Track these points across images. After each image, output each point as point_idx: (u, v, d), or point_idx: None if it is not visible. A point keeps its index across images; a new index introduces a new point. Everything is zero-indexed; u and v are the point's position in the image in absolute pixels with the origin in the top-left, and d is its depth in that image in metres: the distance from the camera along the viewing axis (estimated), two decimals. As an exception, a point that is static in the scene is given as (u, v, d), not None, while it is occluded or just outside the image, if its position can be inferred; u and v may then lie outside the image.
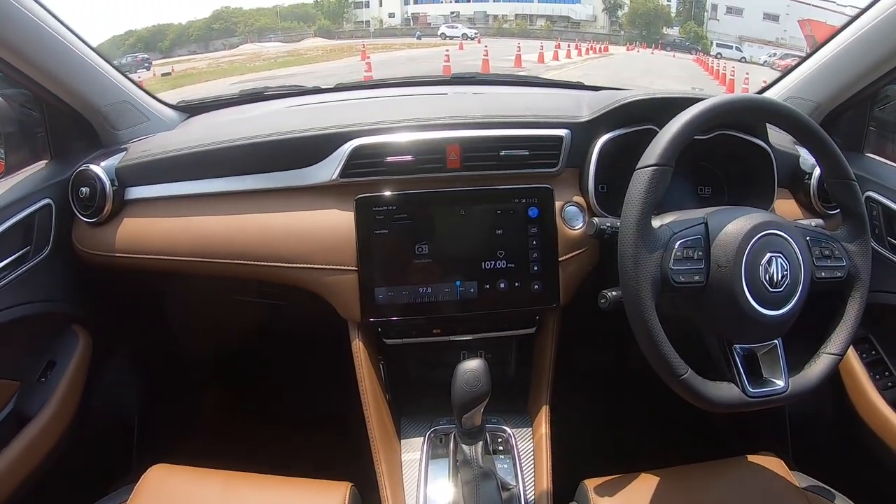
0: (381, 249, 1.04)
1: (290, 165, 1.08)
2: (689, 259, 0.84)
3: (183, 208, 1.10)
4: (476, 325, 1.13)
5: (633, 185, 0.83)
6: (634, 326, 0.82)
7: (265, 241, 1.06)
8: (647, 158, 0.84)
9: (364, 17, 38.57)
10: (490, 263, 1.05)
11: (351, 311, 1.06)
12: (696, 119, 0.85)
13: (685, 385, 0.81)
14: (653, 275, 0.82)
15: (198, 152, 1.10)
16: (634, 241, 0.81)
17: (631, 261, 0.81)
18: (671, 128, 0.85)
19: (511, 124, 1.09)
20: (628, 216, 0.82)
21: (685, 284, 0.83)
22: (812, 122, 0.91)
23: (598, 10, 37.34)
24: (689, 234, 0.85)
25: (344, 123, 1.07)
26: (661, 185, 0.82)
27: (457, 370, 0.90)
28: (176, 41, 28.28)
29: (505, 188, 1.07)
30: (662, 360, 0.80)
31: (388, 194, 1.05)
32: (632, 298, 0.81)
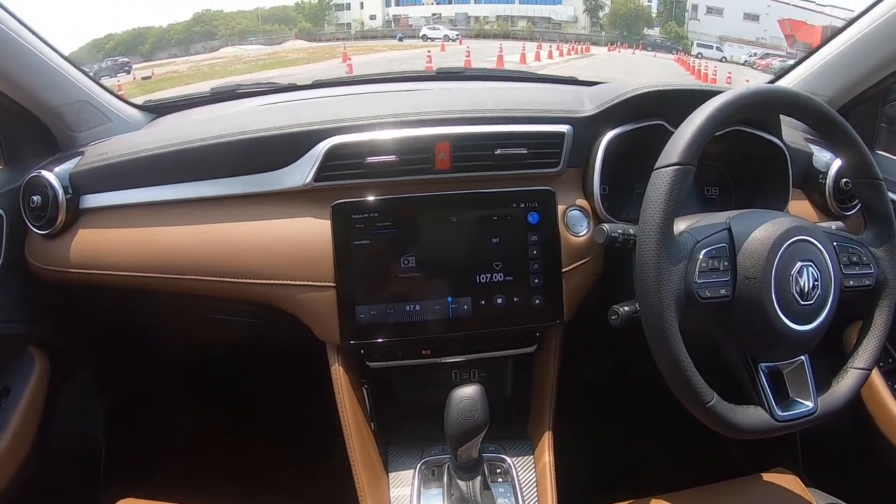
0: (362, 262, 0.92)
1: (257, 168, 0.96)
2: (714, 271, 0.77)
3: (142, 218, 0.98)
4: (470, 346, 1.02)
5: (653, 187, 0.75)
6: (656, 348, 0.74)
7: (230, 254, 0.95)
8: (666, 157, 0.75)
9: (345, 20, 38.62)
10: (486, 276, 0.94)
11: (329, 332, 0.94)
12: (719, 112, 0.77)
13: (712, 413, 0.74)
14: (676, 289, 0.74)
15: (157, 155, 0.98)
16: (656, 252, 0.73)
17: (653, 274, 0.73)
18: (693, 122, 0.76)
19: (507, 119, 0.98)
20: (648, 222, 0.73)
21: (711, 300, 0.76)
22: (839, 117, 0.85)
23: (579, 11, 37.67)
24: (714, 242, 0.78)
25: (318, 120, 0.95)
26: (683, 186, 0.74)
27: (450, 398, 0.81)
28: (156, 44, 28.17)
29: (501, 191, 0.96)
30: (687, 386, 0.73)
31: (368, 199, 0.93)
32: (653, 317, 0.73)
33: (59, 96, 1.12)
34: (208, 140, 0.97)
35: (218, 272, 0.95)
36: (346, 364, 0.99)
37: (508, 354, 1.05)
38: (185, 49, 28.37)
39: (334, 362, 0.98)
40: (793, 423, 0.79)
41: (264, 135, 0.95)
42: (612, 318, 0.82)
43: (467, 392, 0.81)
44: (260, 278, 0.94)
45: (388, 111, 0.97)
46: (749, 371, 0.81)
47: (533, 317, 0.97)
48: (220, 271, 0.95)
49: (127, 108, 1.31)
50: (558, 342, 1.04)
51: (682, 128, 0.77)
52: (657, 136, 0.96)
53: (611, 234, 0.84)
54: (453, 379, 1.12)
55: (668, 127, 0.98)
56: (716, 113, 0.77)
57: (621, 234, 0.84)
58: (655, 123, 1.00)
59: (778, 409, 0.78)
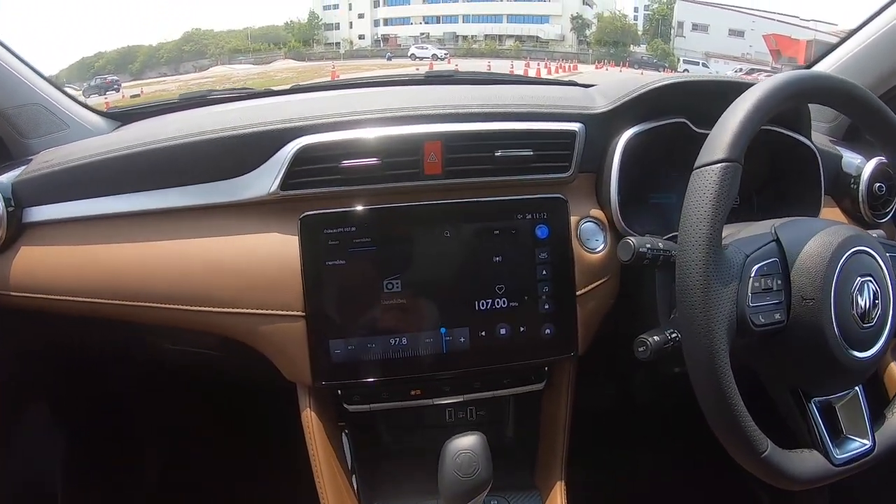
0: (337, 287, 0.77)
1: (215, 175, 0.81)
2: (767, 291, 0.67)
3: (89, 234, 0.84)
4: (467, 384, 0.87)
5: (696, 190, 0.63)
6: (703, 388, 0.63)
7: (181, 276, 0.80)
8: (710, 152, 0.64)
9: (334, 39, 38.96)
10: (486, 302, 0.80)
11: (298, 371, 0.79)
12: (768, 100, 0.67)
13: (767, 464, 0.64)
14: (728, 316, 0.63)
15: (103, 161, 0.84)
16: (703, 270, 0.61)
17: (699, 297, 0.61)
18: (737, 111, 0.65)
19: (508, 116, 0.83)
20: (693, 234, 0.61)
21: (765, 327, 0.66)
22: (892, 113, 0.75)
23: (567, 30, 38.23)
24: (764, 257, 0.68)
25: (285, 118, 0.81)
26: (733, 188, 0.63)
27: (445, 450, 0.71)
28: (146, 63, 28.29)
29: (505, 200, 0.82)
30: (740, 433, 0.63)
31: (345, 211, 0.78)
32: (700, 350, 0.62)
33: (8, 98, 0.99)
34: (159, 143, 0.82)
35: (169, 298, 0.80)
36: (320, 408, 0.84)
37: (511, 393, 0.89)
38: (175, 68, 28.51)
39: (305, 406, 0.83)
40: (852, 465, 0.70)
41: (222, 136, 0.81)
42: (640, 349, 0.70)
43: (466, 443, 0.70)
44: (216, 306, 0.79)
45: (367, 107, 0.83)
46: (801, 408, 0.71)
47: (542, 349, 0.82)
48: (170, 297, 0.80)
49: (88, 114, 1.17)
50: (571, 378, 0.89)
51: (726, 118, 0.66)
52: (678, 136, 0.87)
53: (639, 250, 0.70)
54: (447, 419, 0.98)
55: (691, 126, 0.87)
56: (764, 99, 0.66)
57: (650, 250, 0.70)
58: (677, 121, 0.87)
59: (835, 451, 0.69)
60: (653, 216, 0.89)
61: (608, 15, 33.72)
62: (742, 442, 0.63)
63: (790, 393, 0.72)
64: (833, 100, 0.77)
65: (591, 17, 36.48)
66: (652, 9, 29.57)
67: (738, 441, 0.63)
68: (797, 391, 0.72)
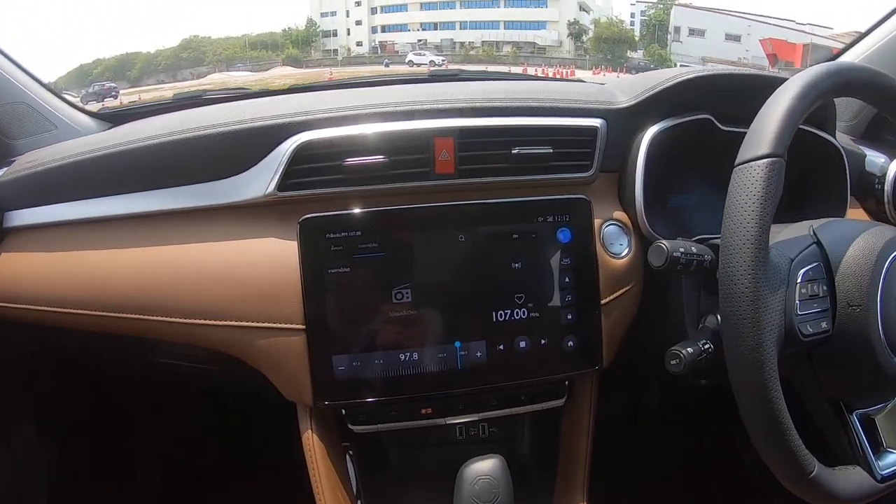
0: (341, 297, 0.71)
1: (207, 175, 0.75)
2: (814, 298, 0.62)
3: (74, 239, 0.77)
4: (483, 402, 0.80)
5: (740, 188, 0.57)
6: (750, 405, 0.57)
7: (169, 285, 0.73)
8: (753, 147, 0.58)
9: (332, 46, 39.12)
10: (504, 313, 0.73)
11: (297, 390, 0.72)
12: (811, 90, 0.60)
13: (815, 484, 0.59)
14: (777, 326, 0.58)
15: (88, 160, 0.77)
16: (753, 276, 0.55)
17: (749, 306, 0.55)
18: (779, 103, 0.59)
19: (526, 111, 0.77)
20: (739, 235, 0.56)
21: (813, 337, 0.61)
22: None
23: (563, 36, 38.39)
24: (809, 261, 0.63)
25: (284, 112, 0.74)
26: (779, 186, 0.58)
27: (462, 476, 0.68)
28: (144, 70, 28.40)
29: (524, 201, 0.75)
30: (789, 454, 0.57)
31: (349, 213, 0.72)
32: (748, 364, 0.56)
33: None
34: (145, 141, 0.76)
35: (156, 308, 0.73)
36: (323, 429, 0.77)
37: (531, 411, 0.83)
38: (173, 75, 28.63)
39: (306, 428, 0.76)
40: (895, 480, 0.66)
41: (213, 132, 0.74)
42: (673, 362, 0.64)
43: (485, 468, 0.68)
44: (207, 318, 0.72)
45: (372, 101, 0.76)
46: (842, 421, 0.67)
47: (565, 363, 0.75)
48: (158, 307, 0.73)
49: (77, 114, 1.12)
50: (594, 394, 0.83)
51: (768, 110, 0.60)
52: (701, 134, 0.82)
53: (672, 255, 0.64)
54: (457, 436, 0.90)
55: (717, 123, 0.81)
56: (807, 90, 0.60)
57: (683, 254, 0.65)
58: (702, 118, 0.81)
59: (878, 466, 0.65)
60: (670, 219, 0.82)
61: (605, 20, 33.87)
62: (790, 462, 0.58)
63: (830, 405, 0.68)
64: (876, 94, 0.70)
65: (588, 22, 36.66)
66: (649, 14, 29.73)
67: (785, 462, 0.59)
68: (838, 403, 0.68)
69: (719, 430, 1.22)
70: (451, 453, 0.80)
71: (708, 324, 0.70)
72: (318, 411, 0.76)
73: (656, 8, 29.86)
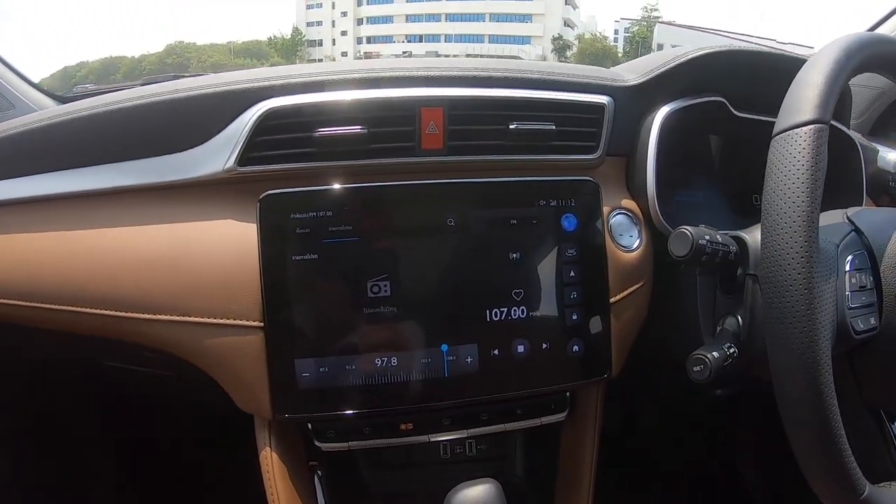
0: (307, 289, 0.60)
1: (157, 149, 0.64)
2: (863, 290, 0.56)
3: (5, 221, 0.66)
4: (473, 417, 0.70)
5: (786, 159, 0.49)
6: (799, 416, 0.49)
7: (110, 273, 0.62)
8: (795, 113, 0.50)
9: (317, 56, 39.33)
10: (500, 312, 0.63)
11: (254, 400, 0.61)
12: (853, 55, 0.53)
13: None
14: (831, 321, 0.51)
15: (21, 133, 0.66)
16: (807, 259, 0.47)
17: (803, 296, 0.47)
18: (820, 66, 0.52)
19: (526, 82, 0.68)
20: (788, 213, 0.48)
21: (864, 334, 0.55)
22: None
23: (548, 51, 38.98)
24: (854, 247, 0.58)
25: (248, 78, 0.64)
26: (825, 157, 0.50)
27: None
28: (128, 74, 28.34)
29: (524, 181, 0.66)
30: (843, 473, 0.50)
31: (318, 189, 0.62)
32: (800, 368, 0.48)
33: None
34: (85, 111, 0.65)
35: (95, 300, 0.63)
36: (284, 447, 0.66)
37: (527, 427, 0.73)
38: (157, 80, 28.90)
39: (265, 444, 0.65)
40: None
41: (164, 98, 0.63)
42: (697, 369, 0.57)
43: (477, 496, 0.58)
44: (151, 312, 0.61)
45: (352, 66, 0.66)
46: (884, 432, 0.64)
47: (569, 372, 0.66)
48: (97, 299, 0.63)
49: (37, 94, 1.03)
50: (599, 406, 0.74)
51: (807, 73, 0.52)
52: (714, 120, 0.77)
53: (698, 242, 0.56)
54: (441, 454, 0.80)
55: (728, 106, 0.75)
56: (850, 52, 0.53)
57: (709, 243, 0.57)
58: (715, 101, 0.74)
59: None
60: (677, 214, 0.74)
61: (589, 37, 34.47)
62: (843, 482, 0.51)
63: (868, 410, 0.63)
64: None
65: (573, 38, 37.25)
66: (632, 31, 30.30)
67: (838, 481, 0.51)
68: (878, 411, 0.64)
69: (721, 445, 1.15)
70: (434, 474, 0.74)
71: (727, 326, 0.63)
72: (278, 425, 0.66)
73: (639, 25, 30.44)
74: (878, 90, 1.02)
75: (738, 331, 0.61)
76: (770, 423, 0.60)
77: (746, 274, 0.60)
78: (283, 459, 0.65)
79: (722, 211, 0.85)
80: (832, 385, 0.49)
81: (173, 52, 32.40)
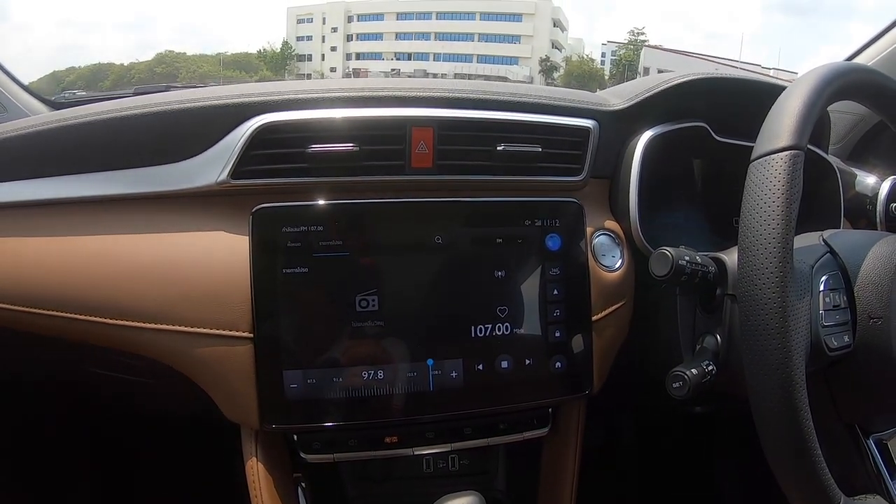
0: (297, 302, 0.61)
1: (150, 159, 0.65)
2: (837, 308, 0.58)
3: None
4: (456, 431, 0.71)
5: (762, 183, 0.51)
6: (774, 430, 0.51)
7: (100, 280, 0.63)
8: (772, 140, 0.52)
9: (306, 70, 39.30)
10: (484, 328, 0.64)
11: (241, 410, 0.62)
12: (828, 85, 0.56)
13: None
14: (805, 339, 0.52)
15: (14, 139, 0.67)
16: (781, 278, 0.49)
17: (777, 315, 0.49)
18: (797, 94, 0.54)
19: (513, 105, 0.70)
20: (764, 235, 0.50)
21: (837, 351, 0.56)
22: None
23: (535, 72, 39.35)
24: (828, 268, 0.59)
25: (244, 93, 0.65)
26: (801, 182, 0.52)
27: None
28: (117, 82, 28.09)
29: (510, 201, 0.68)
30: (817, 485, 0.51)
31: (310, 205, 0.63)
32: (774, 384, 0.49)
33: None
34: (81, 118, 0.66)
35: (83, 306, 0.63)
36: (270, 457, 0.66)
37: (510, 441, 0.73)
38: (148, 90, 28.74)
39: (251, 454, 0.65)
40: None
41: (161, 109, 0.64)
42: (676, 385, 0.58)
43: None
44: (140, 320, 0.62)
45: (344, 86, 0.68)
46: (858, 447, 0.63)
47: (552, 387, 0.67)
48: (86, 305, 0.63)
49: (30, 99, 1.03)
50: (580, 421, 0.74)
51: (785, 101, 0.54)
52: (695, 145, 0.78)
53: (678, 262, 0.57)
54: (424, 468, 0.81)
55: (711, 131, 0.77)
56: (825, 82, 0.55)
57: (689, 263, 0.58)
58: (697, 126, 0.76)
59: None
60: (658, 235, 0.76)
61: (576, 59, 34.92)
62: (818, 494, 0.52)
63: (847, 430, 0.63)
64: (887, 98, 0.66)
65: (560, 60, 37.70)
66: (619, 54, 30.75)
67: (814, 494, 0.52)
68: (853, 426, 0.63)
69: (699, 462, 1.16)
70: (417, 488, 0.75)
71: (706, 345, 0.64)
72: (265, 436, 0.66)
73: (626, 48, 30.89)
74: (857, 116, 1.04)
75: (717, 349, 0.62)
76: (747, 441, 0.62)
77: (725, 294, 0.62)
78: (268, 470, 0.65)
79: (702, 232, 0.86)
80: (806, 399, 0.50)
81: (163, 61, 32.22)
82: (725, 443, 1.11)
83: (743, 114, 0.70)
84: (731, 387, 0.63)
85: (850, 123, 1.04)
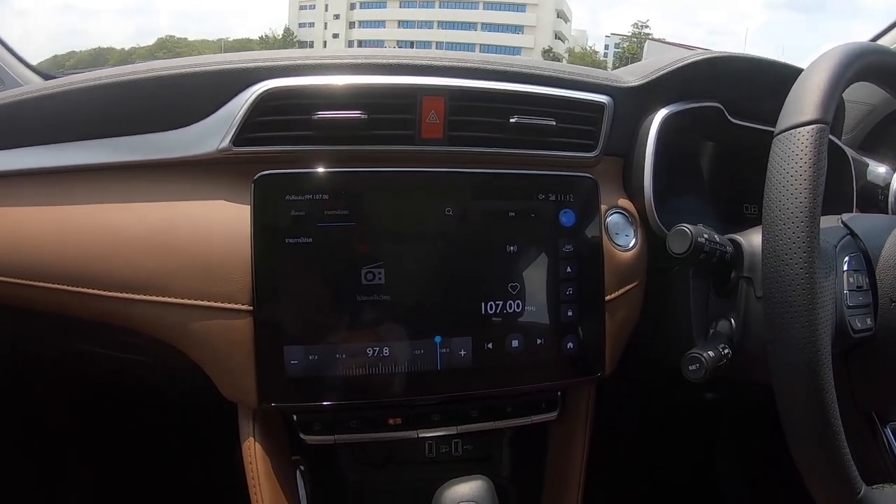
0: (299, 274, 0.59)
1: (150, 125, 0.62)
2: (860, 290, 0.56)
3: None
4: (463, 413, 0.68)
5: (788, 157, 0.49)
6: (798, 414, 0.49)
7: (95, 250, 0.60)
8: (797, 113, 0.50)
9: (308, 57, 39.17)
10: (496, 305, 0.62)
11: (239, 387, 0.59)
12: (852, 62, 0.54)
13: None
14: (831, 318, 0.52)
15: (10, 104, 0.64)
16: (809, 254, 0.47)
17: (805, 291, 0.47)
18: (821, 69, 0.53)
19: (528, 77, 0.67)
20: (790, 210, 0.48)
21: (862, 334, 0.55)
22: None
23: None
24: (850, 248, 0.58)
25: (247, 58, 0.62)
26: (826, 155, 0.50)
27: (440, 500, 0.58)
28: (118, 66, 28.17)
29: (525, 173, 0.65)
30: (840, 472, 0.49)
31: (314, 172, 0.60)
32: (801, 364, 0.48)
33: None
34: (78, 84, 0.63)
35: (78, 277, 0.60)
36: (268, 438, 0.64)
37: (517, 425, 0.71)
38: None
39: (248, 435, 0.63)
40: None
41: (162, 74, 0.61)
42: (692, 367, 0.57)
43: (467, 491, 0.57)
44: (136, 291, 0.59)
45: (355, 52, 0.65)
46: (875, 435, 0.62)
47: (563, 369, 0.65)
48: (80, 276, 0.60)
49: (28, 72, 1.02)
50: (590, 406, 0.73)
51: (807, 77, 0.53)
52: (710, 122, 0.76)
53: (697, 240, 0.56)
54: (426, 453, 0.79)
55: (725, 112, 0.75)
56: (849, 59, 0.53)
57: (708, 241, 0.57)
58: (711, 106, 0.75)
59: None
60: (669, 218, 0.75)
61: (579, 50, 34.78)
62: (839, 482, 0.50)
63: (863, 418, 0.62)
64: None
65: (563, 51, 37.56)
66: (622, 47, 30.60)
67: (836, 481, 0.51)
68: (870, 414, 0.62)
69: (701, 453, 1.15)
70: (419, 473, 0.73)
71: (720, 329, 0.63)
72: (263, 416, 0.64)
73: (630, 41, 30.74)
74: (869, 106, 1.04)
75: (731, 333, 0.61)
76: (753, 431, 0.60)
77: (741, 276, 0.60)
78: (266, 452, 0.63)
79: (712, 217, 0.85)
80: (832, 380, 0.48)
81: (164, 46, 32.13)
82: (730, 433, 1.10)
83: (759, 95, 0.69)
84: (746, 372, 0.62)
85: (862, 113, 1.04)
